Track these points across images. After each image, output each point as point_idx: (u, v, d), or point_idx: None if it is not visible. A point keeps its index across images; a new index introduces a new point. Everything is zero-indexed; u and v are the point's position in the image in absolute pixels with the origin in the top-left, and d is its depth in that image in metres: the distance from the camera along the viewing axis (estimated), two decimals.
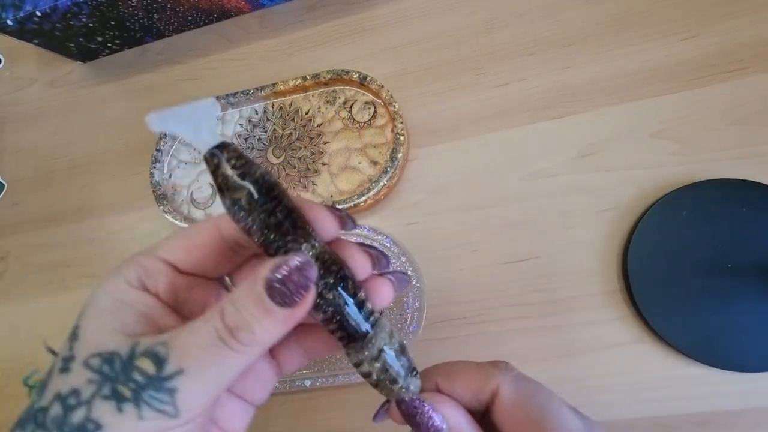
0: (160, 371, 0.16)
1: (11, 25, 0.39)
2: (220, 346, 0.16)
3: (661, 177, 0.35)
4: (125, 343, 0.16)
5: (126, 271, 0.18)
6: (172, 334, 0.16)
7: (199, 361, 0.16)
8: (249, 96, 0.41)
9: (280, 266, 0.16)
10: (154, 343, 0.16)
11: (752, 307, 0.31)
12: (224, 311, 0.16)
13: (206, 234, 0.19)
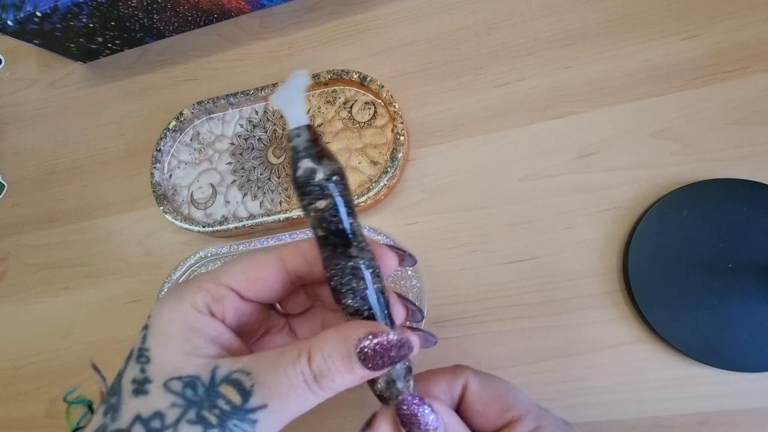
0: (246, 403, 0.17)
1: (12, 25, 0.40)
2: (303, 387, 0.18)
3: (661, 177, 0.34)
4: (205, 368, 0.17)
5: (192, 296, 0.19)
6: (253, 364, 0.18)
7: (283, 400, 0.17)
8: (249, 96, 0.41)
9: (379, 336, 0.18)
10: (234, 371, 0.17)
11: (753, 307, 0.31)
12: (312, 359, 0.18)
13: (272, 268, 0.20)
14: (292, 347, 0.18)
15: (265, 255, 0.20)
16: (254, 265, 0.20)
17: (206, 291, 0.19)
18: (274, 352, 0.18)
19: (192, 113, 0.42)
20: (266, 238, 0.39)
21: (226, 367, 0.18)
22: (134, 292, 0.42)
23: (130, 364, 0.18)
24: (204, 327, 0.19)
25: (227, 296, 0.19)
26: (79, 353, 0.42)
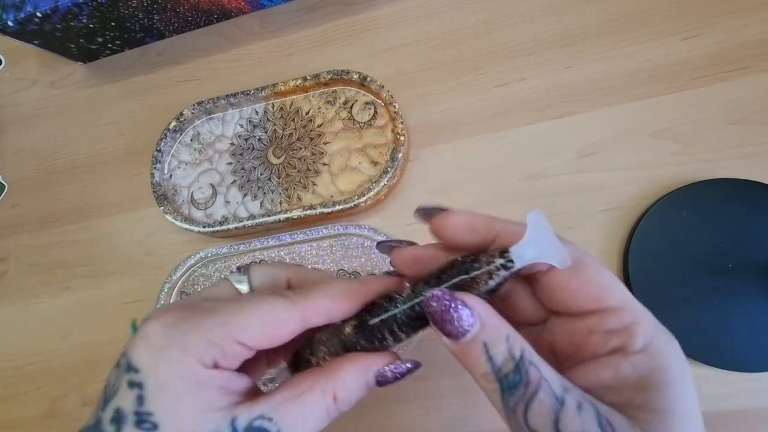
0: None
1: (12, 26, 0.40)
2: (327, 417, 0.19)
3: (661, 177, 0.34)
4: (223, 421, 0.17)
5: (200, 352, 0.17)
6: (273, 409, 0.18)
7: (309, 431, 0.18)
8: (249, 96, 0.41)
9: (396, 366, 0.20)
10: (255, 418, 0.17)
11: (753, 306, 0.31)
12: (337, 397, 0.19)
13: (293, 326, 0.19)
14: (313, 385, 0.19)
15: (285, 313, 0.19)
16: (274, 324, 0.19)
17: (217, 347, 0.18)
18: (292, 392, 0.19)
19: (192, 113, 0.42)
20: (266, 238, 0.39)
21: (245, 416, 0.17)
22: (134, 293, 0.42)
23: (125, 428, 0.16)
24: (213, 380, 0.18)
25: (240, 351, 0.18)
26: (79, 353, 0.42)
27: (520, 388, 0.16)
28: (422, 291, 0.19)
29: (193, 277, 0.40)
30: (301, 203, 0.39)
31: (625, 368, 0.16)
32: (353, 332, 0.20)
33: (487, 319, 0.17)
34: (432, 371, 0.35)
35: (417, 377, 0.35)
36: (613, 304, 0.17)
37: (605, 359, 0.16)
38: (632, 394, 0.16)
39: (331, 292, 0.20)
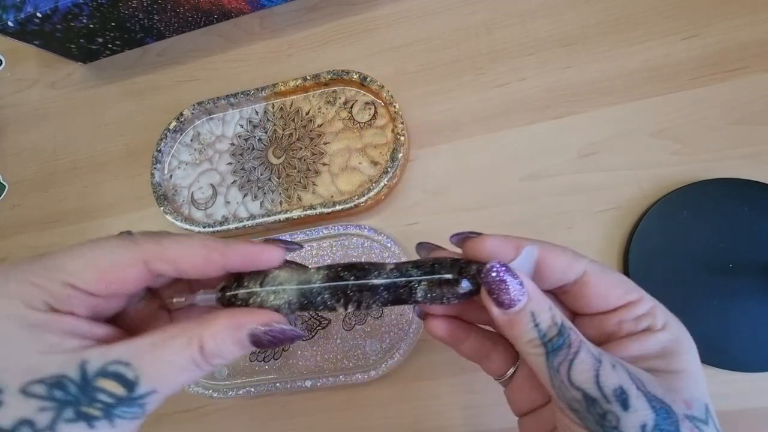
0: (132, 392, 0.17)
1: (12, 26, 0.40)
2: (194, 369, 0.18)
3: (661, 177, 0.34)
4: (70, 364, 0.16)
5: (23, 294, 0.16)
6: (132, 354, 0.17)
7: (173, 382, 0.18)
8: (249, 96, 0.41)
9: (270, 326, 0.19)
10: (110, 362, 0.17)
11: (753, 307, 0.31)
12: (204, 347, 0.18)
13: (131, 270, 0.18)
14: (179, 333, 0.18)
15: (122, 253, 0.18)
16: (108, 266, 0.18)
17: (41, 289, 0.17)
18: (156, 338, 0.17)
19: (192, 114, 0.42)
20: (266, 238, 0.39)
21: (97, 361, 0.17)
22: None
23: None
24: (51, 323, 0.17)
25: (72, 294, 0.17)
26: None
27: (564, 349, 0.18)
28: (408, 269, 0.20)
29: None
30: (301, 203, 0.39)
31: (651, 343, 0.19)
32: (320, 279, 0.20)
33: (533, 292, 0.19)
34: (433, 371, 0.35)
35: (418, 377, 0.36)
36: (635, 297, 0.20)
37: (634, 338, 0.20)
38: (655, 361, 0.19)
39: (187, 242, 0.19)
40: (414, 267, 0.20)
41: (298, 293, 0.20)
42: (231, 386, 0.37)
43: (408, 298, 0.20)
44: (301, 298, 0.20)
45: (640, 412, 0.17)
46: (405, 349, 0.35)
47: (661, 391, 0.18)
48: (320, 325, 0.37)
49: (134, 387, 0.17)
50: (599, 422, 0.17)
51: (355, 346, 0.36)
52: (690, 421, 0.17)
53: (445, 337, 0.23)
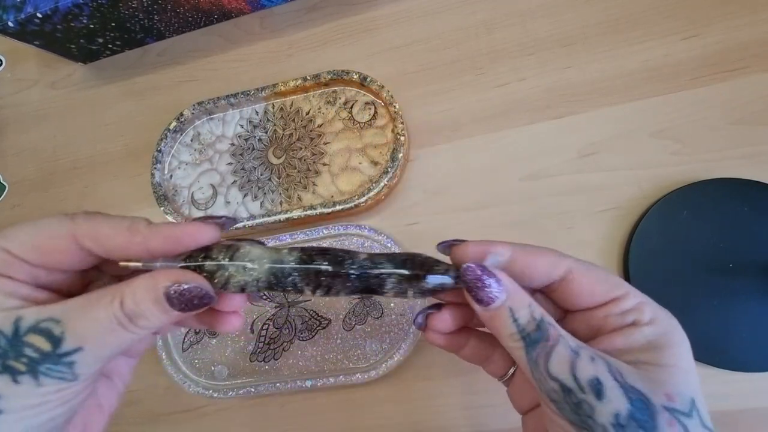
0: (57, 348, 0.17)
1: (12, 26, 0.40)
2: (119, 328, 0.18)
3: (661, 177, 0.34)
4: (5, 320, 0.18)
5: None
6: (63, 311, 0.18)
7: (98, 340, 0.18)
8: (249, 97, 0.41)
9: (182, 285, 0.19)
10: (42, 320, 0.18)
11: (753, 306, 0.31)
12: (124, 302, 0.18)
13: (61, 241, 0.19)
14: (106, 292, 0.19)
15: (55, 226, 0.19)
16: (42, 236, 0.19)
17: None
18: (85, 297, 0.19)
19: (192, 114, 0.42)
20: (266, 238, 0.39)
21: (31, 318, 0.18)
22: None
23: None
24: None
25: (10, 261, 0.18)
26: None
27: (542, 342, 0.19)
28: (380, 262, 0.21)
29: None
30: (301, 203, 0.39)
31: (636, 336, 0.20)
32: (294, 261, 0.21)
33: (512, 289, 0.20)
34: (433, 371, 0.35)
35: (419, 377, 0.36)
36: (621, 293, 0.20)
37: (620, 332, 0.20)
38: (640, 354, 0.19)
39: (114, 222, 0.19)
40: (387, 260, 0.21)
41: (268, 272, 0.20)
42: (231, 386, 0.37)
43: (377, 289, 0.21)
44: (270, 278, 0.20)
45: (615, 402, 0.18)
46: (405, 349, 0.35)
47: (642, 383, 0.18)
48: (320, 325, 0.37)
49: (59, 343, 0.17)
50: (575, 411, 0.18)
51: (355, 346, 0.36)
52: (669, 413, 0.18)
53: (445, 345, 0.23)
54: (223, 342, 0.38)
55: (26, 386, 0.17)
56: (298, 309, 0.38)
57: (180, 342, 0.39)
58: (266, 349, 0.38)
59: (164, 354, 0.38)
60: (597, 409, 0.18)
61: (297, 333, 0.37)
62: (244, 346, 0.38)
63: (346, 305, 0.37)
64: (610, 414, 0.18)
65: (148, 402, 0.40)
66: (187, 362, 0.38)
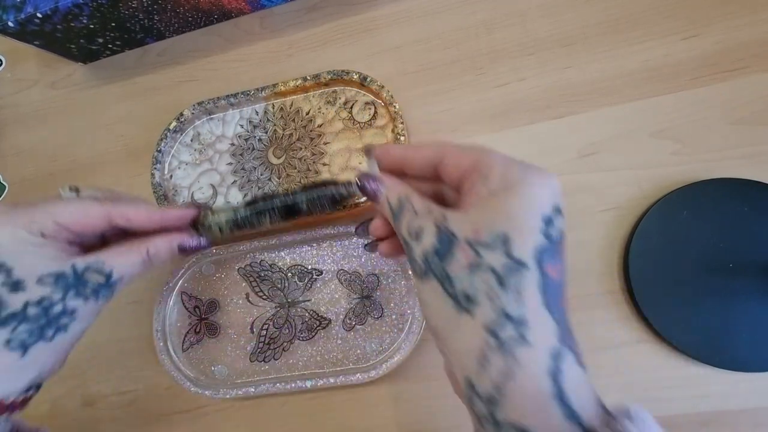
0: (109, 280, 0.28)
1: (12, 26, 0.40)
2: (143, 266, 0.29)
3: (661, 177, 0.35)
4: (66, 266, 0.26)
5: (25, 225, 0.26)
6: (106, 257, 0.28)
7: (131, 273, 0.29)
8: (249, 97, 0.41)
9: (187, 243, 0.31)
10: (91, 263, 0.27)
11: (753, 306, 0.31)
12: (149, 249, 0.29)
13: (98, 220, 0.28)
14: (136, 245, 0.29)
15: (93, 208, 0.28)
16: (83, 214, 0.28)
17: (37, 224, 0.26)
18: (120, 248, 0.29)
19: (192, 114, 0.42)
20: (266, 238, 0.39)
21: (82, 262, 0.27)
22: (135, 293, 0.42)
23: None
24: (47, 244, 0.26)
25: (58, 230, 0.27)
26: (80, 353, 0.42)
27: (400, 214, 0.24)
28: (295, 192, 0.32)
29: (194, 277, 0.40)
30: None
31: (481, 189, 0.22)
32: (243, 207, 0.33)
33: (389, 184, 0.25)
34: (433, 371, 0.35)
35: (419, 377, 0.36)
36: (480, 158, 0.23)
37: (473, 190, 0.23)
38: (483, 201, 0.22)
39: (134, 206, 0.29)
40: (300, 192, 0.32)
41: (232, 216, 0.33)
42: (231, 386, 0.37)
43: (299, 210, 0.32)
44: (232, 220, 0.33)
45: (426, 241, 0.22)
46: (405, 349, 0.35)
47: (458, 225, 0.21)
48: (320, 325, 0.37)
49: (110, 276, 0.28)
50: (408, 257, 0.23)
51: (355, 346, 0.36)
52: (469, 245, 0.21)
53: (391, 253, 0.27)
54: (223, 342, 0.38)
55: (90, 303, 0.27)
56: (298, 309, 0.38)
57: (180, 342, 0.39)
58: (266, 349, 0.38)
59: (164, 354, 0.38)
60: (414, 249, 0.22)
61: (297, 333, 0.37)
62: (244, 346, 0.38)
63: (346, 305, 0.37)
64: (421, 251, 0.22)
65: (148, 402, 0.40)
66: (187, 362, 0.38)
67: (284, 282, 0.38)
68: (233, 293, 0.39)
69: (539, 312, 0.19)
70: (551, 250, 0.21)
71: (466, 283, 0.20)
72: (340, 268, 0.38)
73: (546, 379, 0.18)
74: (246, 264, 0.39)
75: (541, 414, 0.18)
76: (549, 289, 0.20)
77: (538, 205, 0.22)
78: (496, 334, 0.19)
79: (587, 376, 0.19)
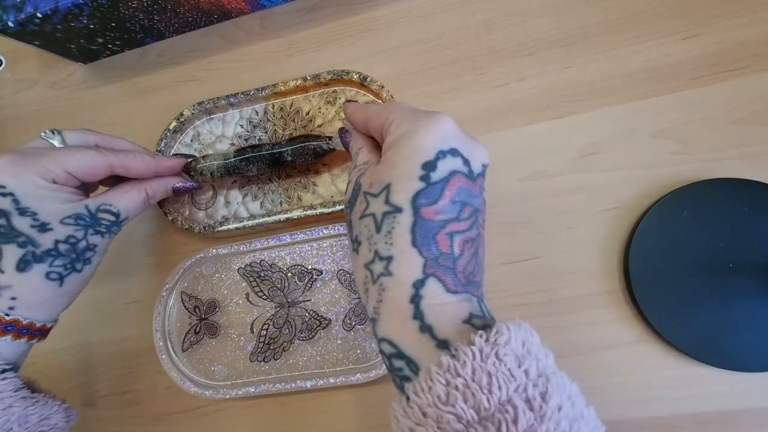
0: (118, 219, 0.33)
1: (12, 26, 0.40)
2: (144, 203, 0.34)
3: (661, 176, 0.35)
4: (81, 207, 0.31)
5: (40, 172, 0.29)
6: (112, 198, 0.32)
7: (135, 212, 0.34)
8: (249, 97, 0.41)
9: (181, 184, 0.38)
10: (101, 204, 0.32)
11: (753, 306, 0.31)
12: (147, 191, 0.35)
13: (101, 169, 0.32)
14: (137, 187, 0.34)
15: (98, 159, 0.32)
16: (89, 164, 0.31)
17: (51, 172, 0.29)
18: (123, 189, 0.34)
19: (192, 114, 0.42)
20: (266, 238, 0.39)
21: (93, 204, 0.31)
22: (135, 293, 0.42)
23: (14, 218, 0.28)
24: (59, 189, 0.30)
25: (68, 178, 0.30)
26: (79, 354, 0.42)
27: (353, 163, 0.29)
28: (282, 144, 0.37)
29: (194, 277, 0.40)
30: (301, 203, 0.39)
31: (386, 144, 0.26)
32: (233, 155, 0.37)
33: (354, 139, 0.31)
34: None
35: None
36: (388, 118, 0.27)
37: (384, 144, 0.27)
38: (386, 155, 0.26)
39: (132, 156, 0.34)
40: (286, 143, 0.37)
41: (224, 163, 0.37)
42: (231, 386, 0.37)
43: (285, 160, 0.37)
44: (223, 165, 0.38)
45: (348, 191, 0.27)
46: None
47: (365, 179, 0.25)
48: (320, 325, 0.37)
49: (119, 216, 0.33)
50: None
51: (355, 346, 0.36)
52: (364, 196, 0.25)
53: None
54: (223, 342, 0.38)
55: (105, 238, 0.32)
56: (298, 309, 0.38)
57: (180, 342, 0.39)
58: (266, 349, 0.38)
59: (164, 354, 0.38)
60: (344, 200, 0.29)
61: (297, 333, 0.37)
62: (244, 346, 0.38)
63: (346, 305, 0.37)
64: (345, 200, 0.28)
65: (148, 402, 0.40)
66: (187, 362, 0.38)
67: (284, 282, 0.38)
68: (233, 293, 0.39)
69: (406, 250, 0.23)
70: (429, 193, 0.23)
71: (357, 228, 0.25)
72: (340, 268, 0.38)
73: (406, 302, 0.22)
74: (246, 264, 0.39)
75: (402, 329, 0.22)
76: (421, 229, 0.23)
77: (418, 152, 0.24)
78: (371, 269, 0.24)
79: (463, 301, 0.23)
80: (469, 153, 0.25)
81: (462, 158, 0.24)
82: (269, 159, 0.37)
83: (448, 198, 0.23)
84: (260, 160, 0.37)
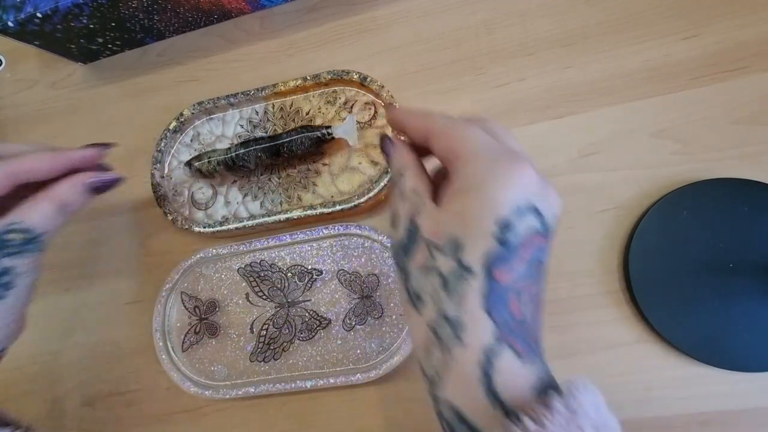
0: (31, 235, 0.29)
1: (12, 26, 0.40)
2: (61, 212, 0.30)
3: (661, 176, 0.35)
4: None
5: None
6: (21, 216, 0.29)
7: (52, 224, 0.30)
8: (249, 97, 0.41)
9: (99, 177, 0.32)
10: (9, 224, 0.28)
11: (753, 306, 0.31)
12: (60, 198, 0.30)
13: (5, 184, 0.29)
14: (43, 198, 0.30)
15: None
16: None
17: None
18: (31, 202, 0.29)
19: (192, 114, 0.42)
20: (266, 238, 0.39)
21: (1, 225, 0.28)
22: (135, 293, 0.42)
23: None
24: None
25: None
26: (79, 354, 0.42)
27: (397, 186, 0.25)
28: (280, 134, 0.38)
29: (194, 277, 0.40)
30: (301, 203, 0.39)
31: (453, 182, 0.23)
32: (234, 150, 0.38)
33: (397, 154, 0.26)
34: None
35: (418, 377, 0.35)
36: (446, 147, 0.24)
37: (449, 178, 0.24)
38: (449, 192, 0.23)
39: (35, 157, 0.30)
40: (285, 133, 0.38)
41: (225, 157, 0.38)
42: (231, 386, 0.37)
43: (286, 151, 0.38)
44: (227, 159, 0.38)
45: (399, 232, 0.24)
46: (405, 349, 0.35)
47: (426, 221, 0.23)
48: (320, 325, 0.37)
49: (31, 231, 0.29)
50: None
51: (355, 346, 0.36)
52: (426, 245, 0.22)
53: None
54: (223, 342, 0.39)
55: (26, 258, 0.29)
56: (298, 309, 0.38)
57: (180, 342, 0.39)
58: (266, 349, 0.38)
59: (164, 354, 0.38)
60: (393, 237, 0.25)
61: (297, 333, 0.37)
62: (243, 346, 0.38)
63: (346, 305, 0.37)
64: (396, 241, 0.24)
65: (148, 402, 0.40)
66: (187, 362, 0.38)
67: (284, 282, 0.38)
68: (233, 293, 0.39)
69: (477, 315, 0.21)
70: (503, 256, 0.21)
71: (418, 282, 0.23)
72: (340, 268, 0.38)
73: (477, 370, 0.20)
74: (246, 264, 0.39)
75: (469, 396, 0.21)
76: (493, 293, 0.21)
77: (492, 207, 0.21)
78: (437, 332, 0.22)
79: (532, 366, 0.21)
80: (546, 207, 0.23)
81: (540, 215, 0.22)
82: (269, 150, 0.37)
83: (524, 261, 0.22)
84: (260, 151, 0.38)
